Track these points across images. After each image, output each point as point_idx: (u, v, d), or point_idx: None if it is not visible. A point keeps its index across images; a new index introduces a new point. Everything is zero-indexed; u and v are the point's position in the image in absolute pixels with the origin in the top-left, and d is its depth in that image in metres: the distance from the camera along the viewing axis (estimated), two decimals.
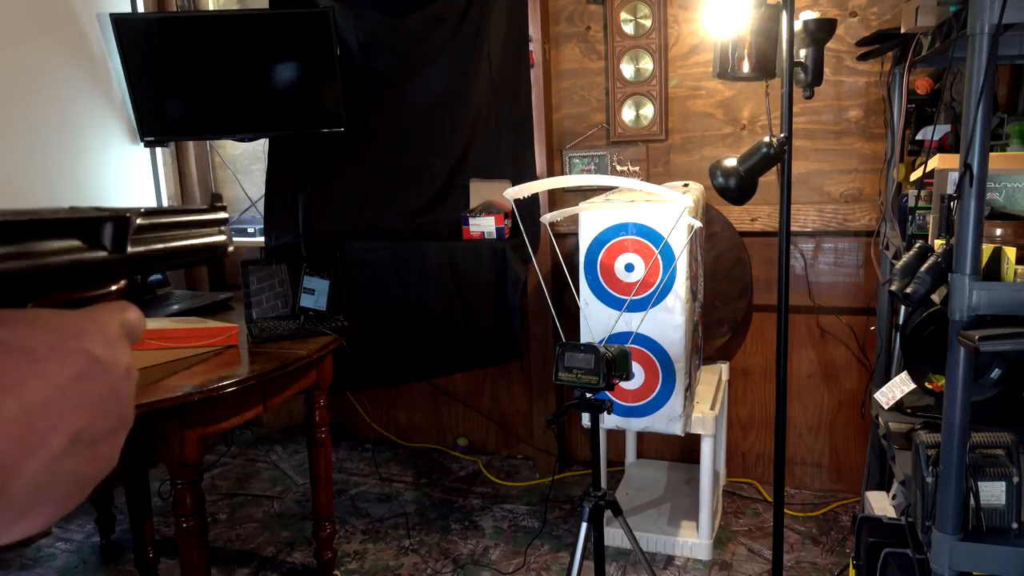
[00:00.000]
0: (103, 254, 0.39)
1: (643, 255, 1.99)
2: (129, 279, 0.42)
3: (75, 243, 0.37)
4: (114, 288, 0.41)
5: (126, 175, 3.04)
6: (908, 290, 1.36)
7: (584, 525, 1.71)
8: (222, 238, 0.48)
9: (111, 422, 0.32)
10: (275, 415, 3.61)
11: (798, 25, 1.69)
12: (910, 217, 1.88)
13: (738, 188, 1.75)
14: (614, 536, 2.46)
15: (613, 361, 1.58)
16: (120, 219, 0.39)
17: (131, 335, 0.36)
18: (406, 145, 2.97)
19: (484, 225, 2.83)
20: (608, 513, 1.77)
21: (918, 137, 2.19)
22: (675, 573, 2.39)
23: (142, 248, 0.42)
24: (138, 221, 0.41)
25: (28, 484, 0.28)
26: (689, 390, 2.16)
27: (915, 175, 1.91)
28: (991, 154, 1.30)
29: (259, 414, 2.00)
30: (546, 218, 1.94)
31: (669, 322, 2.00)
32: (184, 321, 2.12)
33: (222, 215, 0.49)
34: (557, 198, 2.96)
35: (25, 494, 0.28)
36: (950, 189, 1.54)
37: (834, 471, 2.85)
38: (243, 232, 3.30)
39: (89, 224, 0.38)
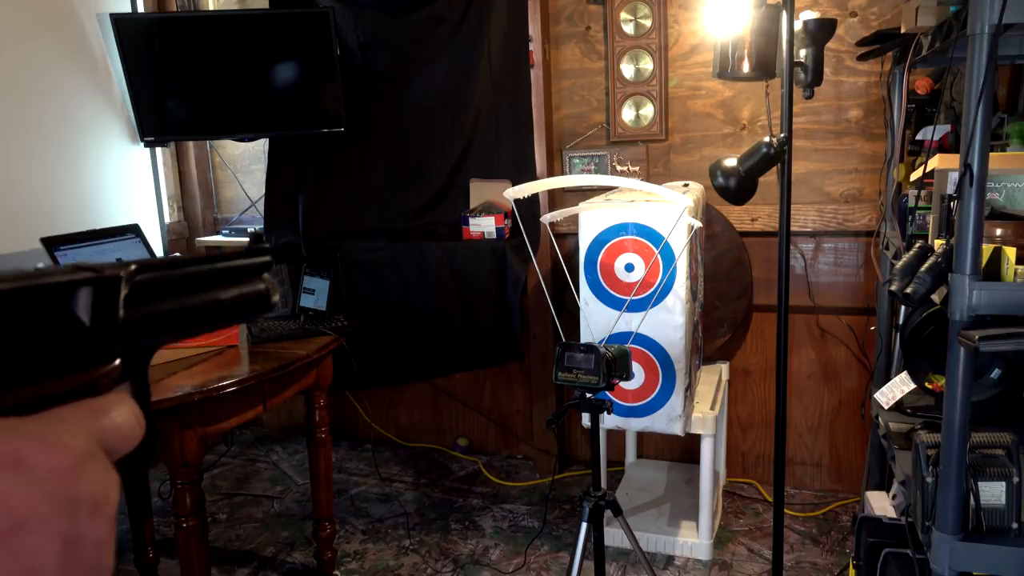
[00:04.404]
0: (82, 329, 0.28)
1: (643, 255, 1.99)
2: (125, 356, 0.32)
3: (37, 319, 0.27)
4: (104, 372, 0.30)
5: (126, 175, 3.04)
6: (908, 290, 1.36)
7: (584, 525, 1.71)
8: (260, 287, 0.37)
9: None
10: (275, 415, 3.61)
11: (798, 25, 1.69)
12: (910, 217, 1.88)
13: (738, 188, 1.75)
14: (614, 536, 2.46)
15: (613, 361, 1.58)
16: (105, 281, 0.29)
17: (113, 446, 0.27)
18: (406, 145, 2.97)
19: (484, 225, 2.82)
20: (608, 513, 1.77)
21: (918, 137, 2.19)
22: (675, 573, 2.39)
23: (141, 314, 0.31)
24: (137, 277, 0.30)
25: None
26: (689, 390, 2.16)
27: (915, 175, 1.91)
28: (991, 154, 1.30)
29: (259, 414, 2.00)
30: (546, 218, 1.94)
31: (669, 322, 2.00)
32: None
33: (261, 259, 0.38)
34: (557, 198, 2.96)
35: None
36: (950, 189, 1.54)
37: (834, 471, 2.85)
38: (243, 232, 3.30)
39: (58, 291, 0.28)
